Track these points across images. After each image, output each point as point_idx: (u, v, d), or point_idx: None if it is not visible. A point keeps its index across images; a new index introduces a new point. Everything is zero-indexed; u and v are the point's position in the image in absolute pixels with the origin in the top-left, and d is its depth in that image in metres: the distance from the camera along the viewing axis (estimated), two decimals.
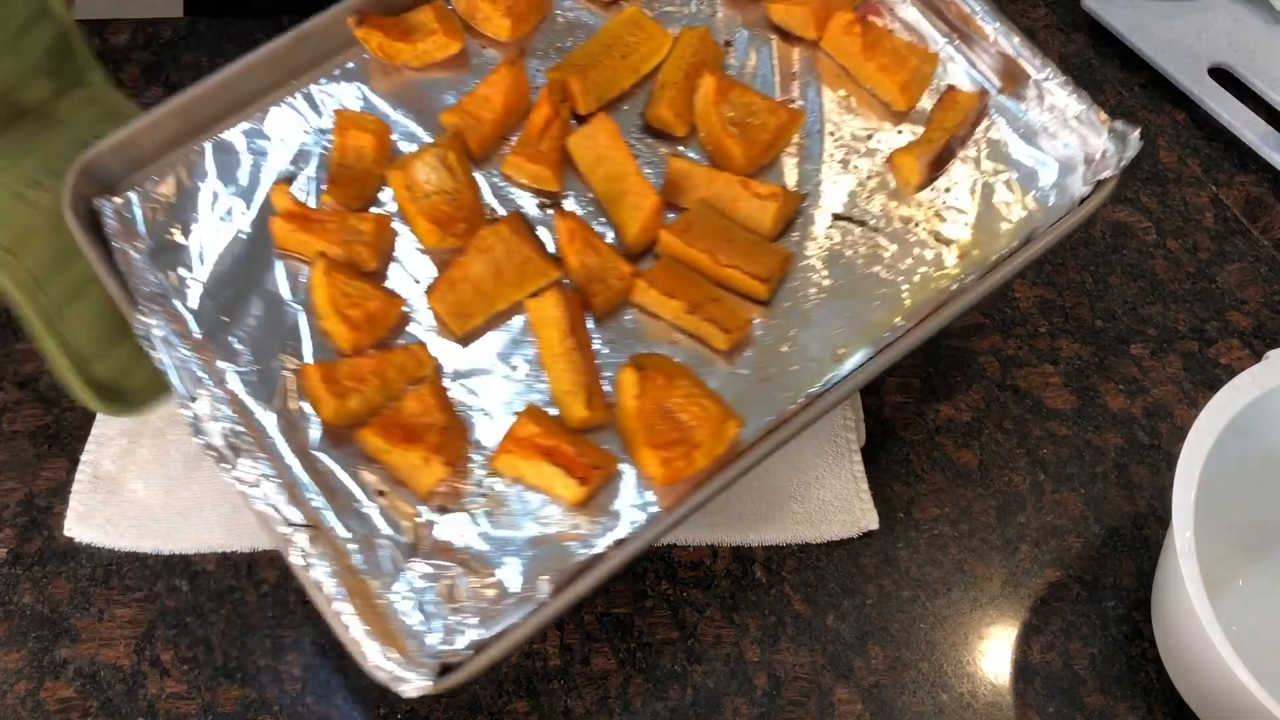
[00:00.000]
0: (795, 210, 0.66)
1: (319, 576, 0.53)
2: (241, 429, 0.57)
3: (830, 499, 0.66)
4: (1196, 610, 0.52)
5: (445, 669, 0.51)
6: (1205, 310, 0.75)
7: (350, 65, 0.68)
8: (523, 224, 0.65)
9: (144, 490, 0.63)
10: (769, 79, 0.70)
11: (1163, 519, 0.66)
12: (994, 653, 0.62)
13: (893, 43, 0.70)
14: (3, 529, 0.62)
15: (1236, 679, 0.50)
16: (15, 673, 0.58)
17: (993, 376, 0.71)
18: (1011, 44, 0.68)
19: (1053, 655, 0.62)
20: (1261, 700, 0.50)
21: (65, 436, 0.65)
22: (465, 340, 0.62)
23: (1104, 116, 0.65)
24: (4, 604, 0.60)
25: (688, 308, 0.61)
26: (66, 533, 0.62)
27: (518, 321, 0.63)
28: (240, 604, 0.61)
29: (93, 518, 0.62)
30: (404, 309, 0.63)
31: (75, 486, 0.63)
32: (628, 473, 0.58)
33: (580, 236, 0.63)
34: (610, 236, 0.65)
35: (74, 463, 0.64)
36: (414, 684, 0.50)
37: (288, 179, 0.65)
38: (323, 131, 0.66)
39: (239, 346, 0.61)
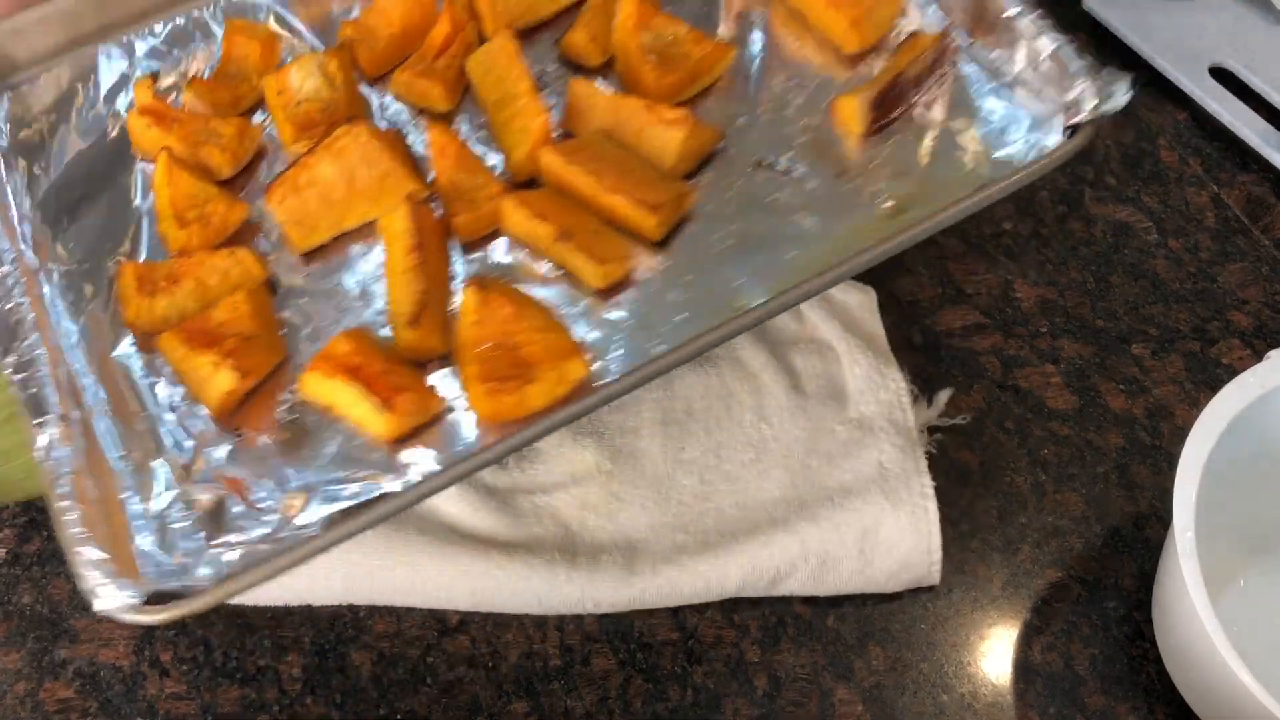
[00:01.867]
0: (710, 148, 0.59)
1: (54, 468, 0.48)
2: (27, 310, 0.54)
3: (897, 556, 0.61)
4: (1198, 610, 0.52)
5: (170, 597, 0.47)
6: (1206, 310, 0.75)
7: None
8: (397, 139, 0.59)
9: None
10: (712, 15, 0.64)
11: (1164, 519, 0.66)
12: (995, 653, 0.62)
13: None
14: (2, 529, 0.62)
15: (1238, 679, 0.50)
16: (14, 673, 0.58)
17: (993, 376, 0.71)
18: None
19: (1054, 656, 0.62)
20: (1262, 700, 0.50)
21: None
22: (311, 258, 0.57)
23: (1090, 62, 0.56)
24: (3, 604, 0.60)
25: (558, 234, 0.54)
26: None
27: (378, 248, 0.57)
28: (238, 604, 0.61)
29: None
30: (251, 220, 0.57)
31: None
32: (463, 415, 0.52)
33: (453, 150, 0.58)
34: (500, 166, 0.59)
35: None
36: (112, 601, 0.45)
37: (153, 75, 0.63)
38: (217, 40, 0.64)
39: (70, 245, 0.58)
